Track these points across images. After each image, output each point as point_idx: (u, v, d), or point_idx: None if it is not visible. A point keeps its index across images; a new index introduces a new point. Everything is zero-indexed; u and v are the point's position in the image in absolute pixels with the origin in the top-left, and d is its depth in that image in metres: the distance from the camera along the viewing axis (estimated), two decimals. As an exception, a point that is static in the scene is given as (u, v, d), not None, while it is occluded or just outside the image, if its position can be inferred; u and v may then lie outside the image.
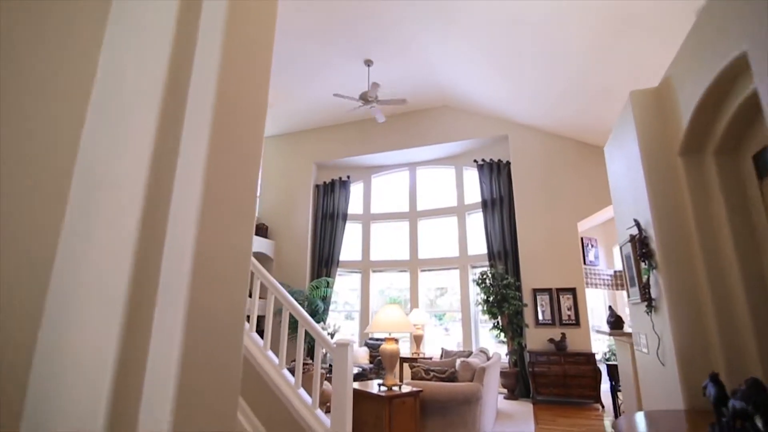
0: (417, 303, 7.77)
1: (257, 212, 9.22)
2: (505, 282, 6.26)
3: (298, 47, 6.20)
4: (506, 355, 6.22)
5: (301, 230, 8.46)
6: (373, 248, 8.49)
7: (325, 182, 8.72)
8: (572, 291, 6.28)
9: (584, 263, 6.66)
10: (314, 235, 8.49)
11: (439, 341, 7.79)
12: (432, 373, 4.11)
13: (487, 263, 7.16)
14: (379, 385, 3.58)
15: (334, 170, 8.85)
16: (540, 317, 6.35)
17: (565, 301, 6.27)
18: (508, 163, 7.33)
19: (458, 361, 4.25)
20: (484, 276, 6.45)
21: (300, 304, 7.78)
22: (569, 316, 6.21)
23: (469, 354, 5.48)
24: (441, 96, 7.67)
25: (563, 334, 6.00)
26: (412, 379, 4.18)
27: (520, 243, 6.77)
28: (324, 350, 3.30)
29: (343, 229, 8.39)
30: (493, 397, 4.48)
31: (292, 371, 3.42)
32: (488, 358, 4.81)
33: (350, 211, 8.58)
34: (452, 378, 4.05)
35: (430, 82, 7.23)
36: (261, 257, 8.35)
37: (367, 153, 8.27)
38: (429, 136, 7.89)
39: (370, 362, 6.85)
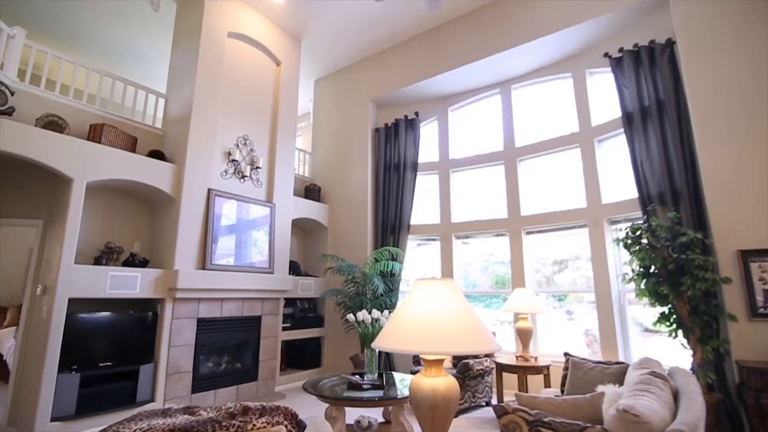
0: (522, 280, 5.30)
1: (307, 172, 7.58)
2: (682, 239, 3.49)
3: None
4: (691, 368, 3.50)
5: (359, 189, 6.53)
6: (455, 206, 6.18)
7: (386, 124, 6.61)
8: (834, 252, 3.23)
9: None
10: (375, 194, 6.49)
11: (561, 331, 5.24)
12: (548, 433, 1.81)
13: (637, 214, 4.39)
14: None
15: (397, 107, 6.68)
16: (759, 303, 3.44)
17: (818, 272, 3.27)
18: (671, 43, 4.34)
19: (612, 408, 1.88)
20: (638, 232, 3.74)
21: (355, 283, 5.94)
22: (830, 300, 3.20)
23: (623, 371, 2.95)
24: (543, -40, 4.93)
25: (820, 336, 3.06)
26: (503, 442, 1.93)
27: (704, 174, 3.84)
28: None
29: (413, 183, 6.23)
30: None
31: None
32: (675, 393, 2.28)
33: (421, 159, 6.37)
34: (600, 453, 1.70)
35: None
36: (314, 225, 6.66)
37: (439, 73, 5.90)
38: (526, 29, 5.20)
39: (453, 365, 4.69)
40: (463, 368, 4.29)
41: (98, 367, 3.86)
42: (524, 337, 4.41)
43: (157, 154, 4.70)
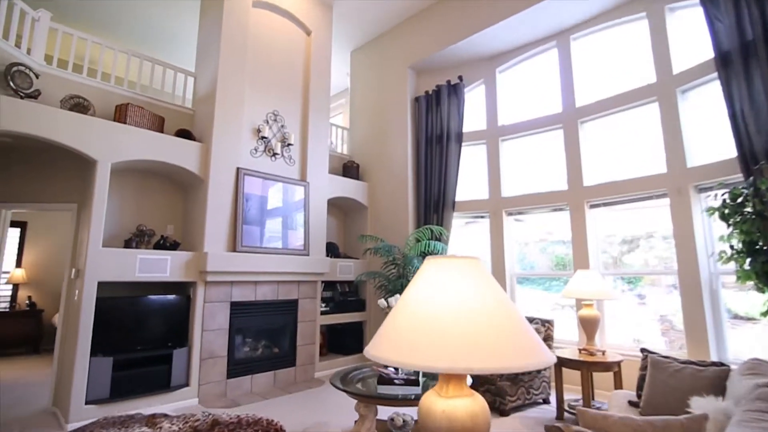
0: (586, 261, 4.60)
1: (345, 149, 7.21)
2: (806, 206, 2.68)
3: None
4: (816, 372, 2.72)
5: (399, 164, 6.07)
6: (505, 179, 5.52)
7: (426, 92, 6.04)
8: None
9: None
10: (417, 169, 5.99)
11: (631, 317, 4.50)
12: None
13: (736, 177, 3.54)
14: None
15: (439, 72, 6.06)
16: None
17: None
18: (786, -45, 3.37)
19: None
20: (740, 199, 2.95)
21: (396, 265, 5.53)
22: None
23: (723, 375, 2.30)
24: None
25: None
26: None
27: (835, 119, 2.94)
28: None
29: (458, 155, 5.65)
30: None
31: None
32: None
33: (466, 128, 5.75)
34: None
35: None
36: (353, 205, 6.33)
37: (484, 27, 5.21)
38: (590, -37, 4.36)
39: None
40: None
41: (131, 351, 3.81)
42: (589, 327, 3.77)
43: (184, 134, 4.54)
